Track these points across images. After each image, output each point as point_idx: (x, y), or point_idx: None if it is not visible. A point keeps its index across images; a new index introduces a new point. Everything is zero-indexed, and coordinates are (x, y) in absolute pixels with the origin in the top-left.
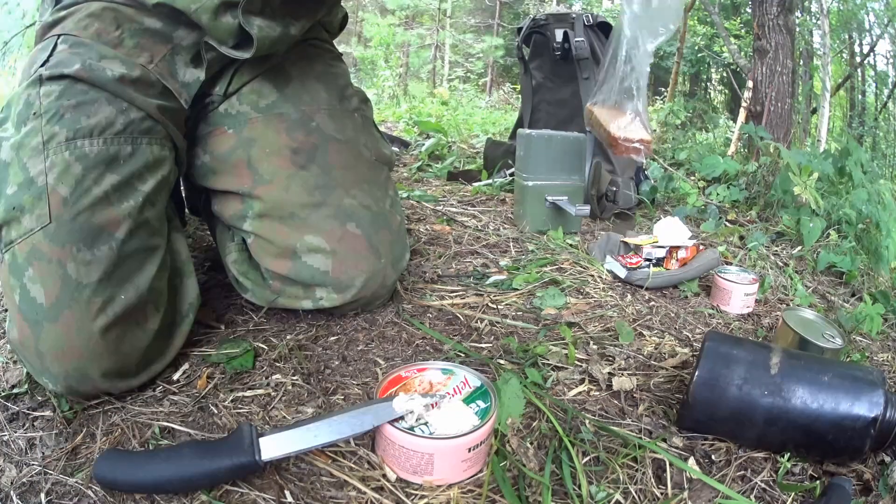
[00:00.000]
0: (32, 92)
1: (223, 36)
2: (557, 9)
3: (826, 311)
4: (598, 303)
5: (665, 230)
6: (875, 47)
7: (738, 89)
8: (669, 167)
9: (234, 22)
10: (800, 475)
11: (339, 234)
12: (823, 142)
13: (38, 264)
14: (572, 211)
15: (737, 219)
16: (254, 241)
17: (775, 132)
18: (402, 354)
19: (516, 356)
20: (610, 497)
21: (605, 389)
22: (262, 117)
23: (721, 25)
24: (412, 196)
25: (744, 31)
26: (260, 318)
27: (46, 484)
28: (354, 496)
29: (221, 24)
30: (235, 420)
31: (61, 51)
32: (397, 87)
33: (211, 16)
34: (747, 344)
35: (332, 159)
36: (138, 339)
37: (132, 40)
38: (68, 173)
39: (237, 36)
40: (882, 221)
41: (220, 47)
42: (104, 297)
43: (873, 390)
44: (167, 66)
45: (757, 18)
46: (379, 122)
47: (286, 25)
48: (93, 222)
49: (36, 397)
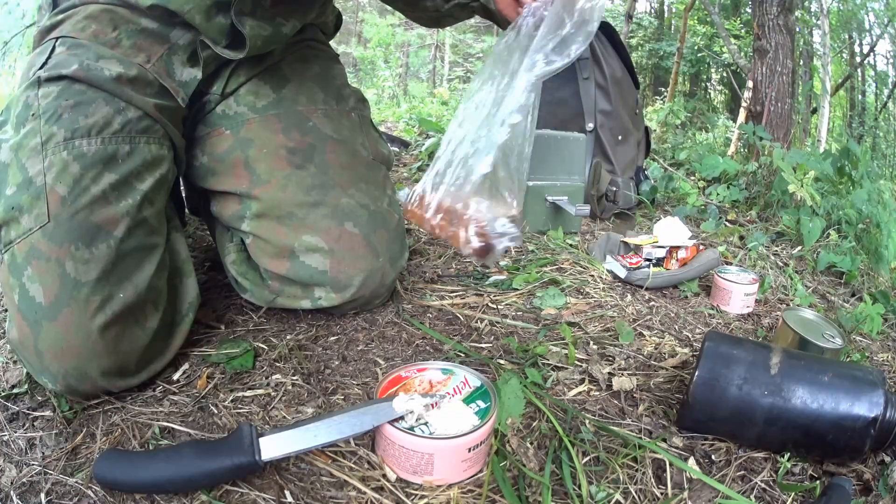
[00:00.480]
0: (31, 94)
1: (216, 36)
2: None
3: (826, 311)
4: (598, 303)
5: (665, 230)
6: (875, 47)
7: (738, 89)
8: (669, 167)
9: (226, 22)
10: (800, 475)
11: (336, 233)
12: (823, 142)
13: (36, 263)
14: (572, 211)
15: (737, 219)
16: (252, 241)
17: (775, 132)
18: (402, 354)
19: (516, 356)
20: (610, 497)
21: (605, 389)
22: (259, 118)
23: (721, 25)
24: None
25: (744, 31)
26: (260, 318)
27: (46, 484)
28: (354, 496)
29: (214, 25)
30: (235, 420)
31: (59, 52)
32: (397, 87)
33: (204, 16)
34: (747, 344)
35: (330, 159)
36: (137, 338)
37: (129, 41)
38: (66, 172)
39: (230, 35)
40: (882, 221)
41: (215, 48)
42: (102, 296)
43: (873, 390)
44: (164, 66)
45: (757, 18)
46: (379, 122)
47: (277, 25)
48: (91, 221)
49: (36, 397)
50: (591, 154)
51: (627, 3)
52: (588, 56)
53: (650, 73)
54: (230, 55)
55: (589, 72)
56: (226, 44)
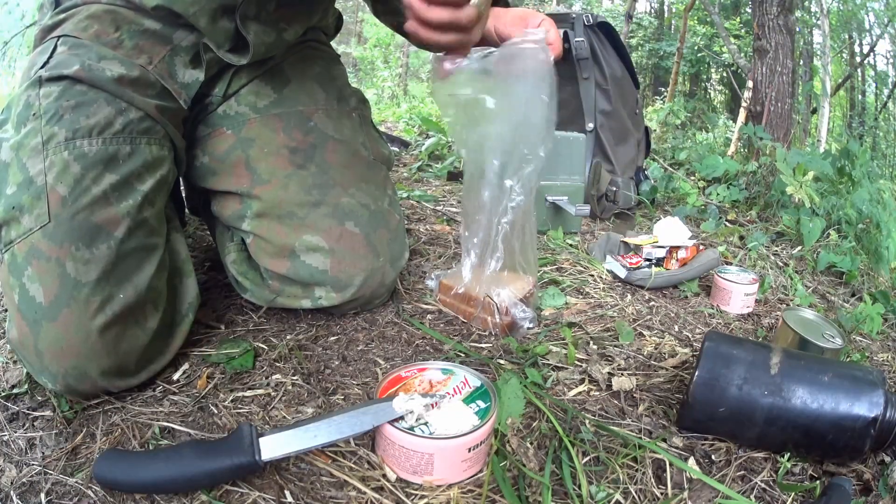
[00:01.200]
0: (32, 93)
1: (220, 39)
2: (557, 9)
3: (826, 311)
4: (598, 303)
5: (665, 230)
6: (875, 47)
7: (738, 89)
8: (669, 167)
9: (230, 26)
10: (800, 475)
11: (337, 232)
12: (823, 142)
13: (37, 263)
14: (572, 211)
15: (737, 219)
16: (252, 240)
17: (775, 132)
18: (402, 354)
19: (516, 356)
20: (610, 497)
21: (604, 389)
22: (260, 118)
23: (721, 25)
24: (412, 196)
25: (744, 31)
26: (260, 318)
27: (46, 484)
28: (354, 496)
29: (218, 28)
30: (235, 420)
31: (61, 52)
32: (397, 87)
33: (208, 19)
34: (747, 344)
35: (330, 158)
36: (137, 338)
37: (131, 41)
38: (67, 173)
39: (233, 40)
40: (882, 221)
41: (217, 51)
42: (103, 296)
43: (873, 390)
44: (166, 67)
45: (757, 18)
46: (379, 123)
47: (280, 31)
48: (91, 221)
49: (36, 397)
50: (591, 154)
51: (627, 3)
52: (588, 56)
53: (650, 73)
54: (233, 60)
55: (589, 72)
56: (229, 48)
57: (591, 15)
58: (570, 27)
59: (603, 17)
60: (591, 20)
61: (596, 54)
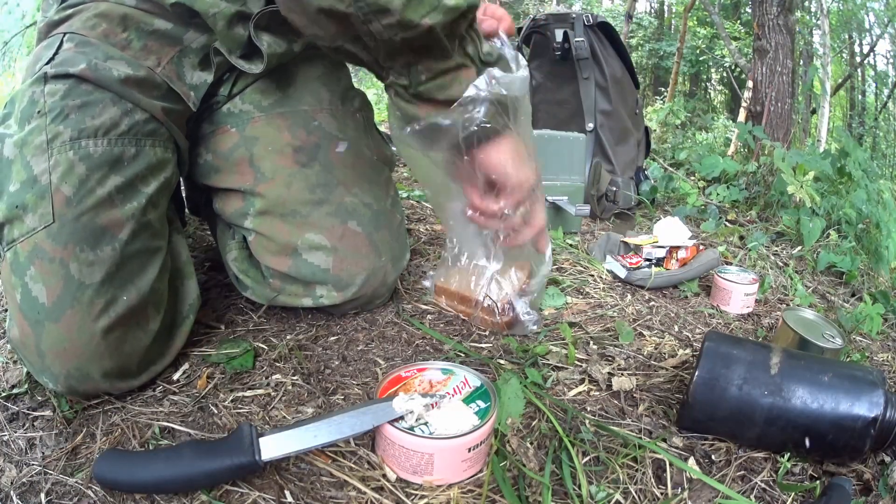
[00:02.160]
0: (37, 90)
1: (232, 45)
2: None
3: (826, 311)
4: (598, 303)
5: (665, 230)
6: (875, 47)
7: (738, 89)
8: (669, 167)
9: (244, 34)
10: (800, 475)
11: (339, 231)
12: (823, 142)
13: (40, 263)
14: (572, 211)
15: (737, 219)
16: (254, 238)
17: (775, 132)
18: (402, 354)
19: (516, 356)
20: (610, 497)
21: (604, 389)
22: (264, 116)
23: (721, 25)
24: (412, 196)
25: (744, 32)
26: (260, 318)
27: (46, 484)
28: (354, 496)
29: (233, 34)
30: (235, 420)
31: (67, 49)
32: None
33: (226, 24)
34: (747, 344)
35: (334, 158)
36: (139, 339)
37: (139, 42)
38: (72, 173)
39: (245, 47)
40: (882, 221)
41: (229, 57)
42: (106, 298)
43: (873, 390)
44: (174, 69)
45: (757, 18)
46: (380, 123)
47: (290, 42)
48: (96, 223)
49: (36, 397)
50: (591, 154)
51: (627, 3)
52: (588, 56)
53: (650, 73)
54: (245, 67)
55: (589, 72)
56: (240, 55)
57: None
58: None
59: (603, 17)
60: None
61: (596, 54)
